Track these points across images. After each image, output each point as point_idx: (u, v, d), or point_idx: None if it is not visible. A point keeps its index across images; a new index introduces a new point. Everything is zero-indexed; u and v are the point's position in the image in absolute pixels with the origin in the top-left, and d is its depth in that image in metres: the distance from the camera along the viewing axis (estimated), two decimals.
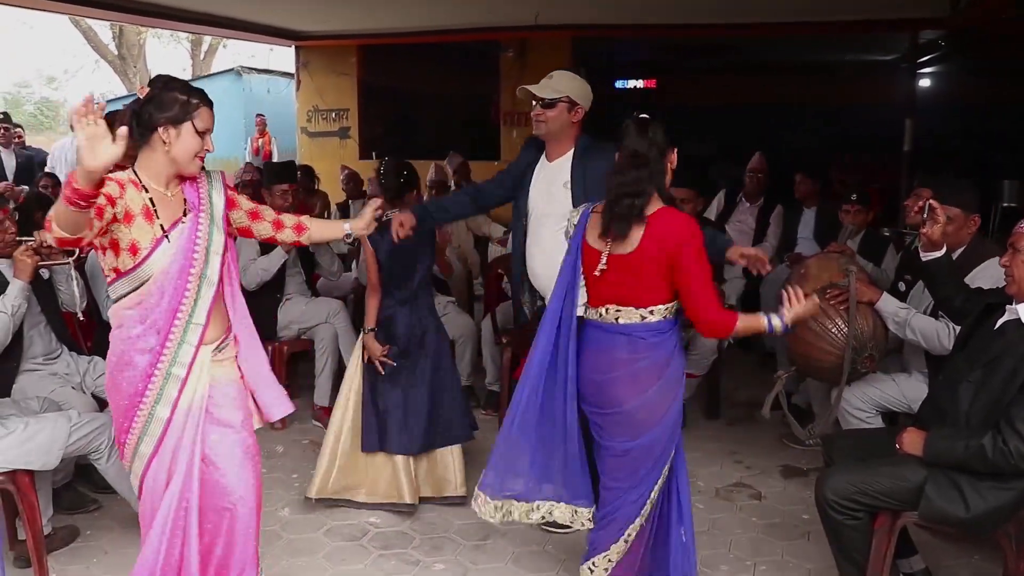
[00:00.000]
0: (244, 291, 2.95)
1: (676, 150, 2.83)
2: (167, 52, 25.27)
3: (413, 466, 3.96)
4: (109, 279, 2.60)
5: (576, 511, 2.93)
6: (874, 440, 3.22)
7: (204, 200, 2.70)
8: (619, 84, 12.04)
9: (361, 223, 3.07)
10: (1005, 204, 8.85)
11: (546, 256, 3.52)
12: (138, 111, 2.56)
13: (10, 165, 8.62)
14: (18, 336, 3.73)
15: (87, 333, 4.35)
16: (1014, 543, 2.81)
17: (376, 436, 3.94)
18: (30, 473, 3.24)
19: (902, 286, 4.07)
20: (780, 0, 6.85)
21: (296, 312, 5.10)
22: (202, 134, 2.60)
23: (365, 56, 9.97)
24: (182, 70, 24.61)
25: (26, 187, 7.46)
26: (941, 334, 3.44)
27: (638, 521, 2.84)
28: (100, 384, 4.00)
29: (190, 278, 2.59)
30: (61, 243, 2.37)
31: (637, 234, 2.71)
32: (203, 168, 2.74)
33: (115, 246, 2.52)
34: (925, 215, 3.16)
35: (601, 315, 2.82)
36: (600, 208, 2.82)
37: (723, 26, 8.26)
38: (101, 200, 2.35)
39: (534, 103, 3.55)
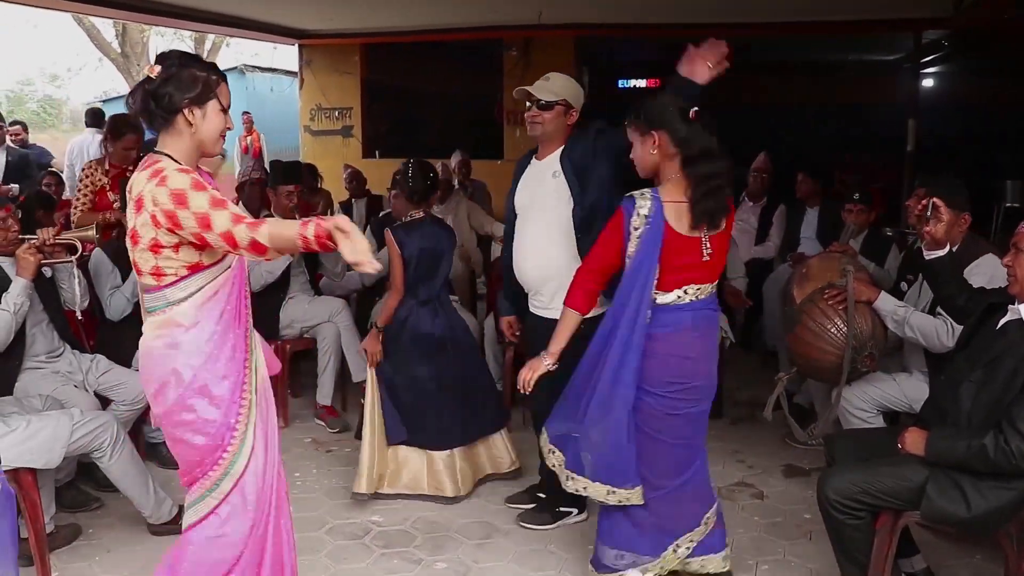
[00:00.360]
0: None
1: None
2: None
3: (458, 460, 4.05)
4: (173, 279, 2.32)
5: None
6: (876, 440, 3.22)
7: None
8: (622, 83, 12.04)
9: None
10: (1008, 204, 8.85)
11: (532, 253, 3.58)
12: (155, 92, 2.33)
13: None
14: (20, 334, 3.73)
15: (89, 331, 4.35)
16: (1015, 543, 2.81)
17: (404, 429, 4.04)
18: (32, 471, 3.24)
19: (904, 286, 4.07)
20: (784, 0, 6.84)
21: (299, 311, 5.10)
22: (224, 111, 2.44)
23: (368, 55, 9.99)
24: None
25: (15, 185, 7.43)
26: (940, 331, 3.44)
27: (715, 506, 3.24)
28: (103, 382, 4.01)
29: (245, 286, 2.53)
30: (260, 251, 2.20)
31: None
32: None
33: (200, 238, 2.25)
34: (929, 213, 3.16)
35: (679, 297, 2.93)
36: (675, 199, 2.86)
37: (726, 25, 8.25)
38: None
39: (529, 104, 3.53)
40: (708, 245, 2.90)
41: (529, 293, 3.67)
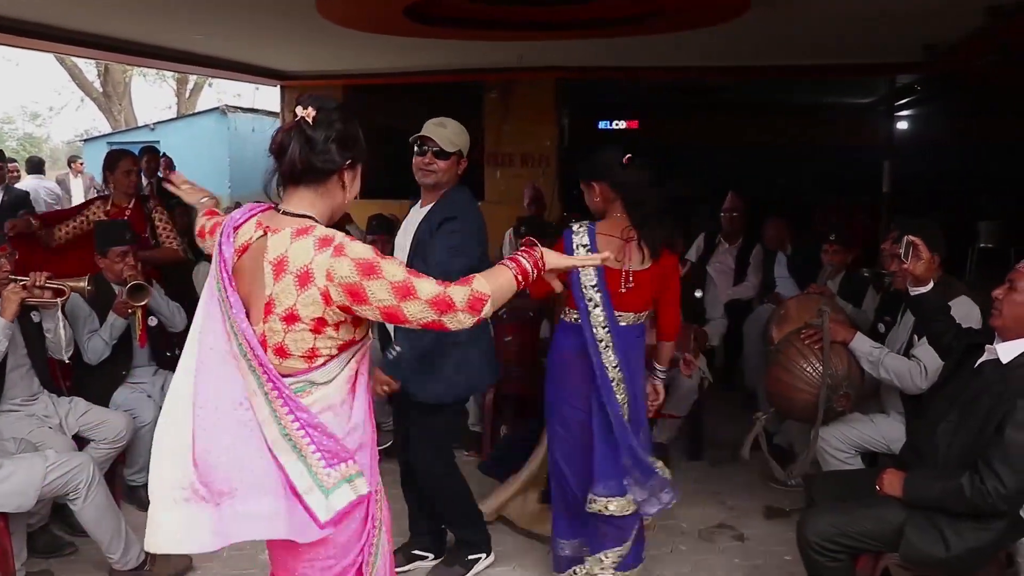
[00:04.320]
0: None
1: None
2: (152, 90, 25.38)
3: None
4: (324, 359, 2.02)
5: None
6: (855, 481, 3.23)
7: None
8: (602, 124, 12.16)
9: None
10: (982, 244, 8.97)
11: None
12: (314, 143, 2.01)
13: None
14: None
15: (65, 373, 4.32)
16: None
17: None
18: (4, 515, 3.21)
19: (882, 327, 4.10)
20: (761, 44, 6.96)
21: None
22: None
23: (350, 96, 10.04)
24: (167, 108, 24.71)
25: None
26: (914, 373, 3.47)
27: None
28: (82, 423, 3.97)
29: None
30: (477, 309, 1.95)
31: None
32: None
33: (391, 312, 1.95)
34: (905, 251, 3.17)
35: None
36: (608, 232, 3.22)
37: (706, 68, 8.38)
38: None
39: (424, 149, 3.36)
40: (630, 278, 3.22)
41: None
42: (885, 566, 2.94)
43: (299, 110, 2.03)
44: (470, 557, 3.69)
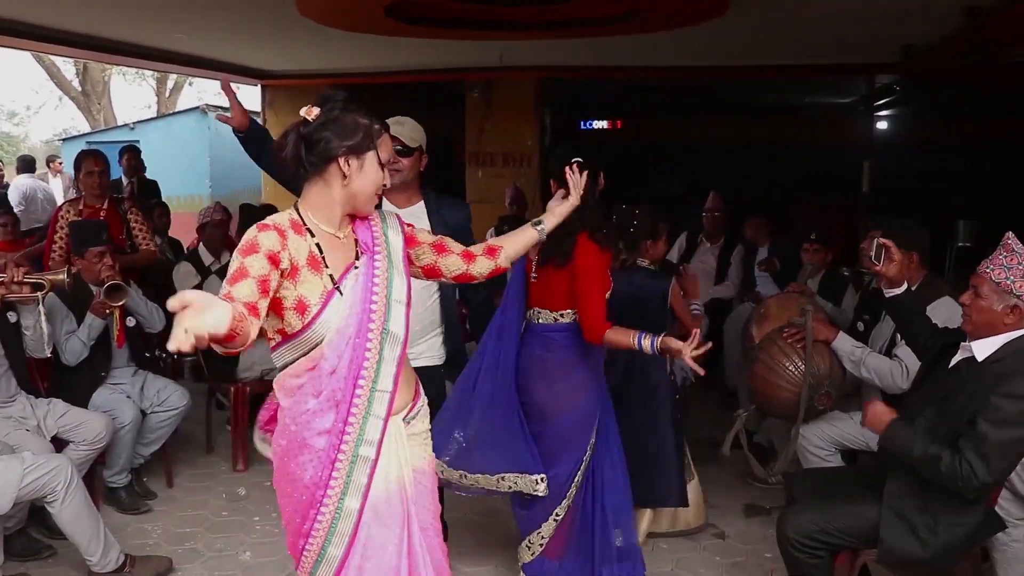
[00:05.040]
0: None
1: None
2: (132, 89, 25.16)
3: None
4: (272, 344, 2.17)
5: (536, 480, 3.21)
6: (835, 478, 3.25)
7: (379, 240, 2.23)
8: (584, 124, 12.17)
9: (554, 217, 2.63)
10: (960, 243, 9.03)
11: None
12: (310, 136, 2.12)
13: None
14: None
15: (43, 374, 4.29)
16: None
17: None
18: None
19: (861, 326, 4.13)
20: (741, 44, 6.99)
21: (258, 353, 5.04)
22: (383, 165, 2.21)
23: None
24: (147, 107, 24.54)
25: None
26: (895, 372, 3.50)
27: (564, 503, 3.26)
28: (61, 425, 3.95)
29: (370, 336, 2.13)
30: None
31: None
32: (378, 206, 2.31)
33: (278, 306, 2.07)
34: (875, 253, 3.19)
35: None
36: None
37: (687, 68, 8.39)
38: (263, 269, 1.99)
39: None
40: (534, 270, 3.27)
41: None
42: (864, 562, 2.96)
43: (304, 110, 2.14)
44: None
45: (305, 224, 2.14)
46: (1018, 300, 2.69)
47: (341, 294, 2.13)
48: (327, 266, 2.13)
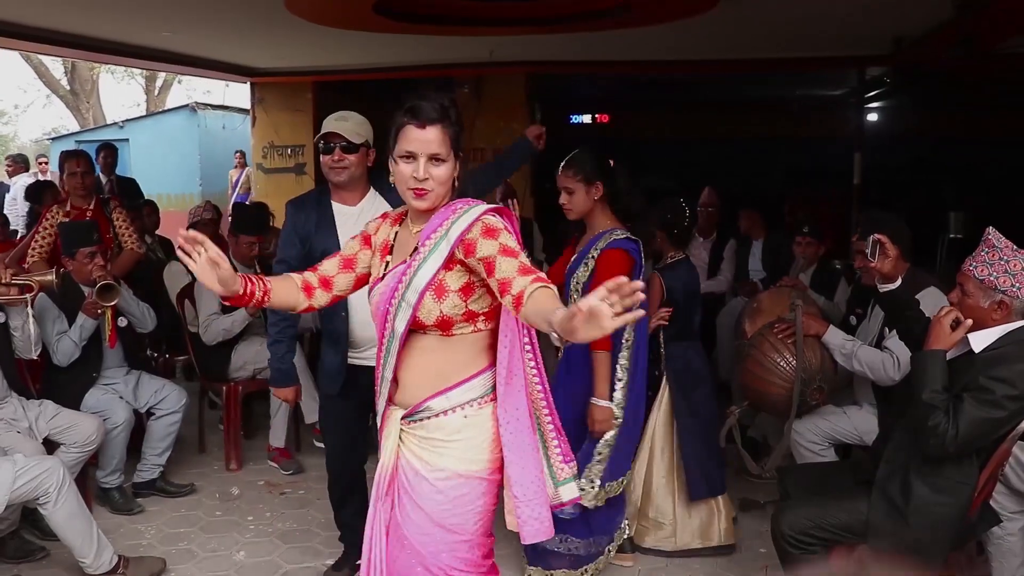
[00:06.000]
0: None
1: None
2: (121, 88, 25.10)
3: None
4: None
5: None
6: (829, 473, 3.25)
7: (433, 239, 2.15)
8: (574, 119, 12.17)
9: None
10: (951, 235, 9.05)
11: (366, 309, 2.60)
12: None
13: None
14: None
15: (35, 375, 4.26)
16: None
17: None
18: None
19: (853, 319, 4.13)
20: (731, 38, 6.98)
21: (251, 352, 5.04)
22: (407, 158, 2.16)
23: (321, 93, 9.97)
24: (136, 105, 24.45)
25: None
26: (887, 365, 3.49)
27: None
28: (53, 427, 3.93)
29: (385, 328, 2.23)
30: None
31: None
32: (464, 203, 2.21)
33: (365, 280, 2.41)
34: (870, 250, 3.19)
35: None
36: None
37: (676, 63, 8.38)
38: (353, 248, 2.38)
39: (331, 145, 3.25)
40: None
41: (353, 348, 3.31)
42: (859, 557, 2.96)
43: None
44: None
45: (406, 217, 2.33)
46: (1003, 296, 2.70)
47: (383, 281, 2.28)
48: (391, 255, 2.30)
